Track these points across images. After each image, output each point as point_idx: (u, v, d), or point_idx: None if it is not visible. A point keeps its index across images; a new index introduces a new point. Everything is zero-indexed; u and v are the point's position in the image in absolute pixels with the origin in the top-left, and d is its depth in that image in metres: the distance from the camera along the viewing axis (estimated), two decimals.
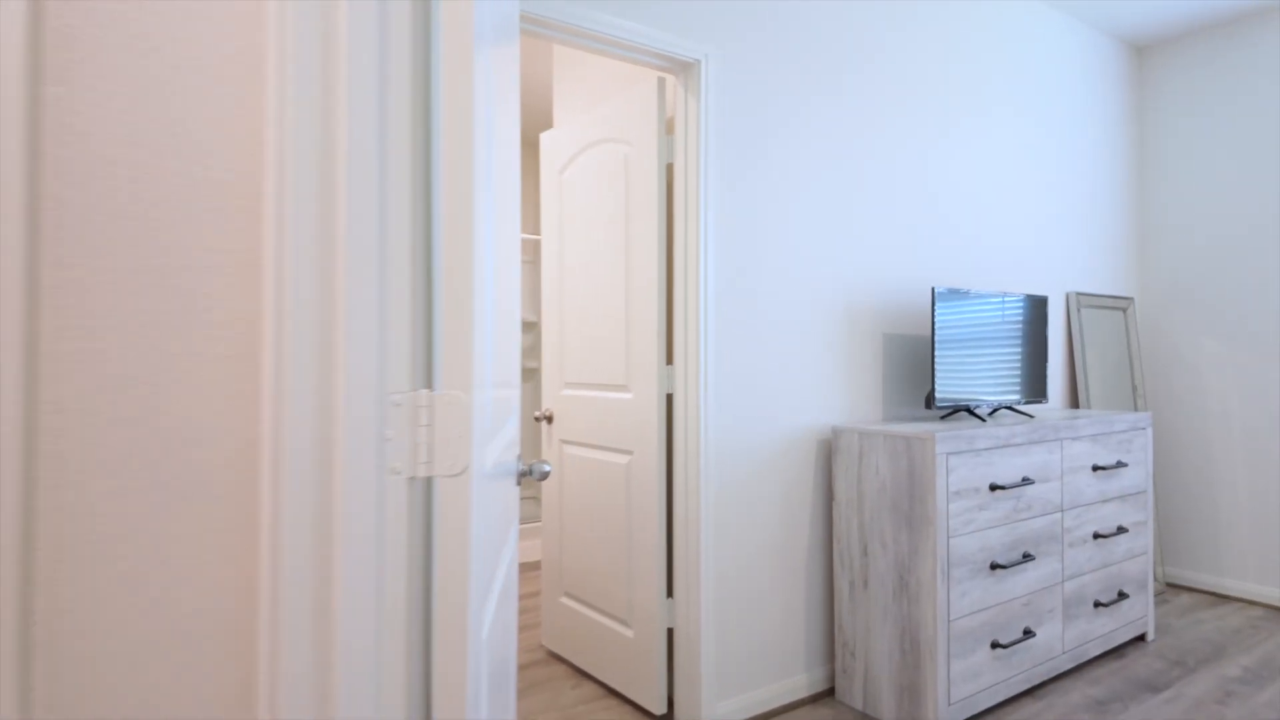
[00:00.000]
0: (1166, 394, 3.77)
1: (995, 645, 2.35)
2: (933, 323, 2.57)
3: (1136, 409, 3.67)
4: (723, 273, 2.35)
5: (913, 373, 2.88)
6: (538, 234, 4.94)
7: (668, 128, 2.53)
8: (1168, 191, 3.78)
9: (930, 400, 2.58)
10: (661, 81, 2.37)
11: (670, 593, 2.41)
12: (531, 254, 4.87)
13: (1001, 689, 2.39)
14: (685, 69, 2.32)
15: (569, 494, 2.76)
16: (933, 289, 2.58)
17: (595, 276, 2.64)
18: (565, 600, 2.76)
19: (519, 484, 1.51)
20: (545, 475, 1.47)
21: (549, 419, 2.85)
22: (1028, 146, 3.32)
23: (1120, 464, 2.82)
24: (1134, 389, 3.69)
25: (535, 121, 4.80)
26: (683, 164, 2.34)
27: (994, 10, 3.16)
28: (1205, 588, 3.61)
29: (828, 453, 2.61)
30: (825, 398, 2.61)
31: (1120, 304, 3.72)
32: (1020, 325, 2.85)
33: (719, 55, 2.34)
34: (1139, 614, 2.93)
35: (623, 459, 2.50)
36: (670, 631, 2.41)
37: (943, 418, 2.76)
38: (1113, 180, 3.75)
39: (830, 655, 2.59)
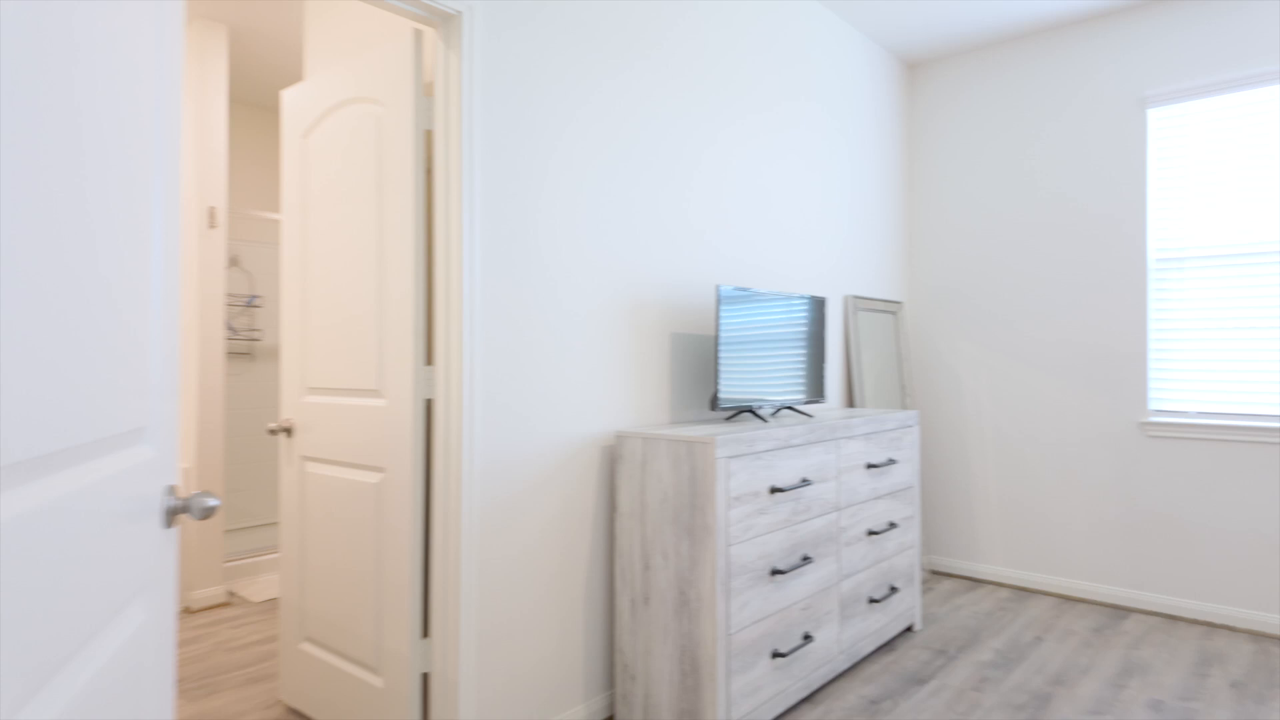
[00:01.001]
0: (931, 393, 4.02)
1: (776, 655, 2.27)
2: (717, 322, 2.46)
3: (905, 408, 3.88)
4: (493, 259, 2.06)
5: (701, 373, 2.78)
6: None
7: (427, 90, 2.20)
8: (934, 203, 4.04)
9: (715, 402, 2.47)
10: (419, 34, 2.04)
11: (426, 632, 2.08)
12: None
13: (781, 700, 2.32)
14: (446, 21, 2.01)
15: (311, 521, 2.32)
16: (717, 288, 2.47)
17: (343, 261, 2.24)
18: (306, 646, 2.33)
19: (171, 524, 1.13)
20: (209, 512, 1.10)
21: (287, 431, 2.40)
22: (810, 151, 3.36)
23: (891, 461, 2.90)
24: (903, 389, 3.89)
25: (284, 82, 4.22)
26: (443, 132, 2.02)
27: (786, 12, 3.16)
28: (964, 573, 3.88)
29: (612, 460, 2.41)
30: (610, 401, 2.41)
31: (891, 308, 3.91)
32: (802, 326, 2.84)
33: (486, 9, 2.05)
34: (908, 606, 3.04)
35: (373, 477, 2.13)
36: (426, 677, 2.07)
37: (727, 419, 2.67)
38: (886, 189, 3.94)
39: (611, 681, 2.39)
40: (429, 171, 2.20)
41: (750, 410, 2.63)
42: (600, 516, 2.38)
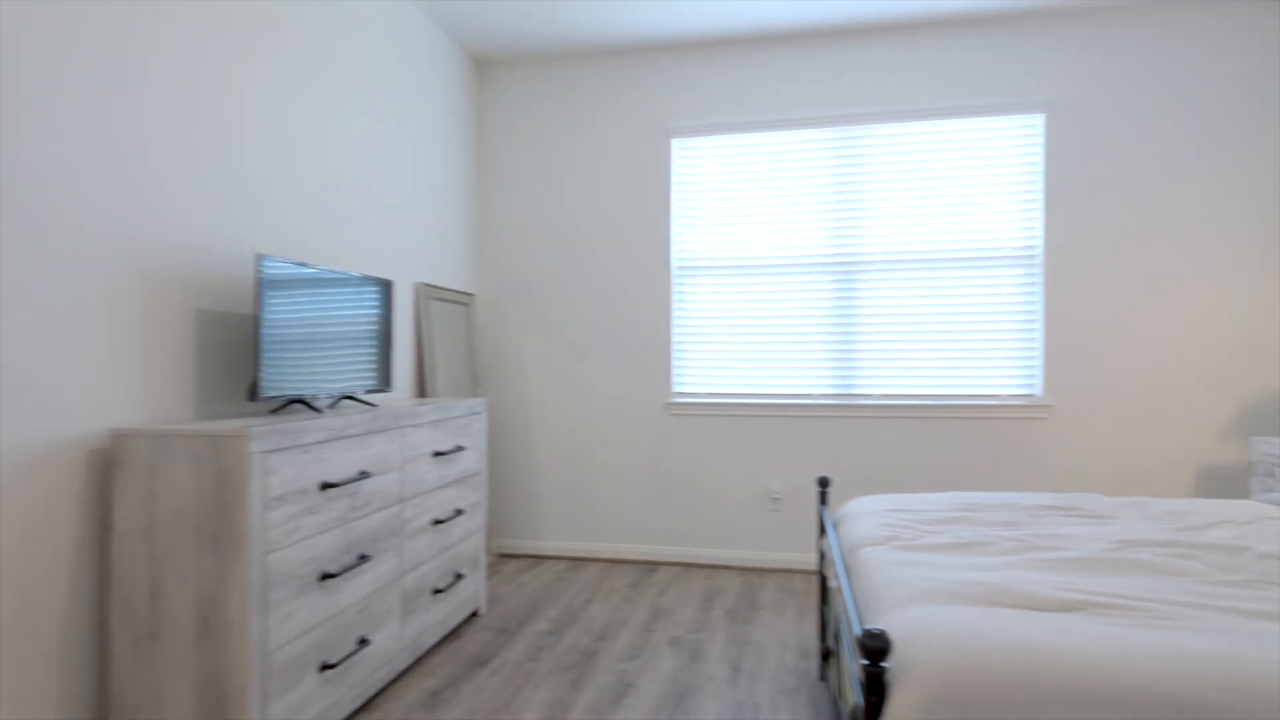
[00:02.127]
0: (501, 383, 4.16)
1: (326, 667, 2.06)
2: (259, 300, 2.14)
3: (477, 397, 3.94)
4: None
5: (240, 359, 2.39)
6: None
7: None
8: (504, 201, 4.18)
9: (254, 391, 2.14)
10: None
11: None
12: None
13: (332, 713, 2.11)
14: None
15: None
16: (259, 259, 2.14)
17: None
18: None
19: None
20: None
21: None
22: (382, 133, 3.18)
23: (459, 448, 2.89)
24: (475, 378, 3.95)
25: None
26: None
27: None
28: (529, 552, 4.10)
29: (106, 467, 1.91)
30: (105, 393, 1.90)
31: (464, 299, 3.94)
32: (368, 310, 2.65)
33: None
34: (474, 591, 3.07)
35: None
36: None
37: (274, 411, 2.35)
38: (459, 182, 3.94)
39: None
40: None
41: (303, 401, 2.36)
42: (88, 540, 1.86)
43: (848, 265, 3.81)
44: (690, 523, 3.96)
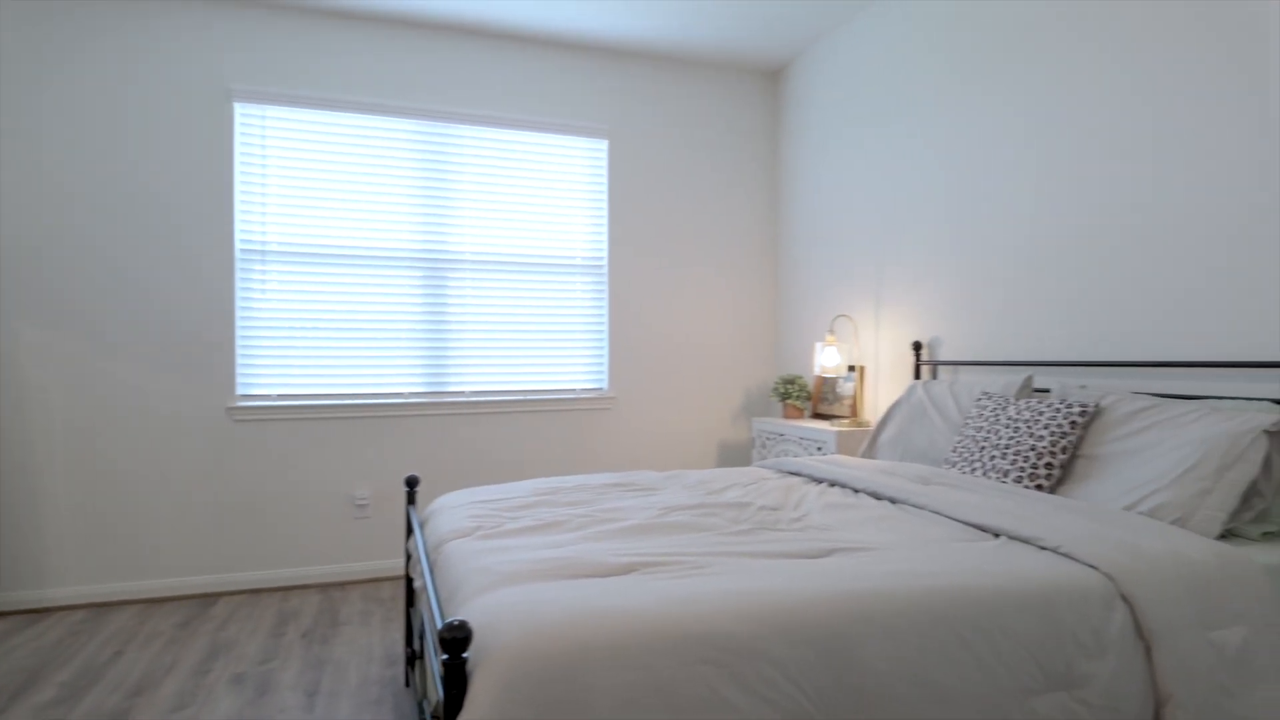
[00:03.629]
0: None
1: None
2: None
3: None
4: None
5: None
6: None
7: None
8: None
9: None
10: None
11: None
12: None
13: None
14: None
15: None
16: None
17: None
18: None
19: None
20: None
21: None
22: None
23: None
24: None
25: None
26: None
27: None
28: (27, 606, 3.17)
29: None
30: None
31: None
32: None
33: None
34: None
35: None
36: None
37: None
38: None
39: None
40: None
41: None
42: None
43: (438, 261, 3.79)
44: (260, 543, 3.51)
